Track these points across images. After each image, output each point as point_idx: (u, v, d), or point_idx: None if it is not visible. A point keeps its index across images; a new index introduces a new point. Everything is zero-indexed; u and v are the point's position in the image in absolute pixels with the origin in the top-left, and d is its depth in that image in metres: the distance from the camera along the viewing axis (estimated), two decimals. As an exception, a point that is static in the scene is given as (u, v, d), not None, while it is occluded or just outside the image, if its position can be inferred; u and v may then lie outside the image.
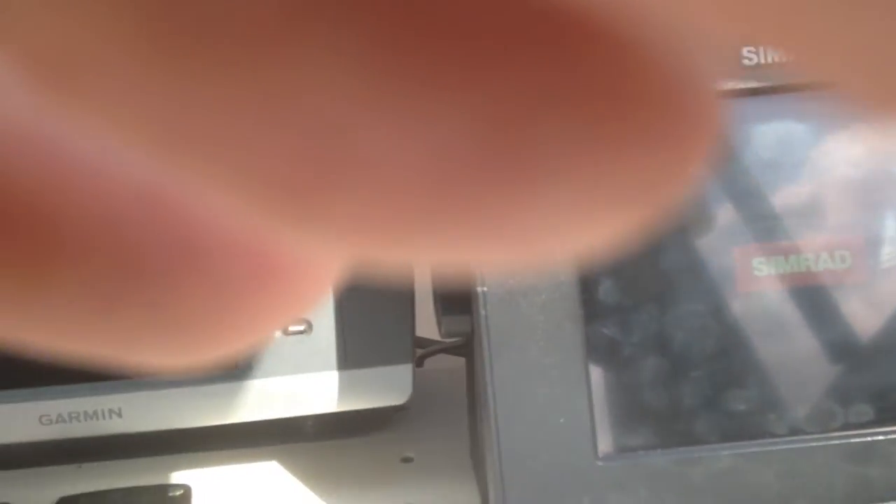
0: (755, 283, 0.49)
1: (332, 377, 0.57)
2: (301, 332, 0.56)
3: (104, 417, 0.56)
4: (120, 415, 0.56)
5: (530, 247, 0.08)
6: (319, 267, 0.10)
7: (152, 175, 0.09)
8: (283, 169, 0.07)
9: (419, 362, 0.71)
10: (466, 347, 0.54)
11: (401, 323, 0.57)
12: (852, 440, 0.48)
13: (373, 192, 0.07)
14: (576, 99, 0.07)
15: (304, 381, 0.57)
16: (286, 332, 0.56)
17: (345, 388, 0.57)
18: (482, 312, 0.48)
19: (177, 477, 0.57)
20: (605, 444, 0.48)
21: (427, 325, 0.58)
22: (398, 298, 0.57)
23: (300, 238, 0.08)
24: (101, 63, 0.07)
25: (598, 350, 0.49)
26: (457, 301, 0.51)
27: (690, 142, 0.07)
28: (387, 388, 0.58)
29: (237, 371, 0.56)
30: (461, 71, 0.07)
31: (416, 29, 0.07)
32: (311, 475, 0.58)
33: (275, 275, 0.09)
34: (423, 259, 0.08)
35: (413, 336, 0.59)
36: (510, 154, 0.07)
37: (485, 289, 0.48)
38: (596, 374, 0.48)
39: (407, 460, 0.60)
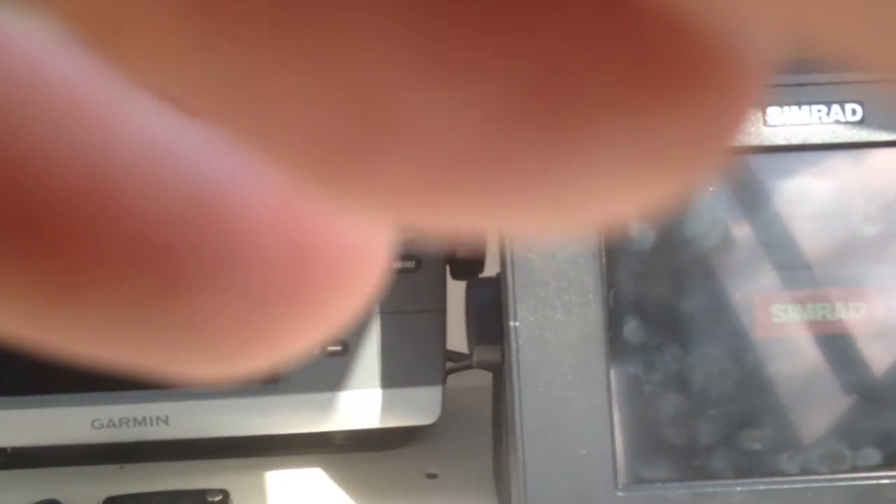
0: (773, 329, 0.52)
1: (365, 395, 0.60)
2: (338, 352, 0.59)
3: (152, 424, 0.58)
4: (167, 422, 0.59)
5: (573, 211, 0.08)
6: (355, 282, 0.10)
7: (194, 179, 0.09)
8: (330, 133, 0.07)
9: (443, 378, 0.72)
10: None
11: (433, 346, 0.60)
12: (859, 482, 0.50)
13: (419, 156, 0.07)
14: (620, 67, 0.07)
15: (339, 398, 0.60)
16: (324, 352, 0.59)
17: (377, 407, 0.60)
18: (513, 346, 0.50)
19: (215, 482, 0.59)
20: (624, 475, 0.51)
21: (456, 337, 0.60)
22: (431, 322, 0.59)
23: (344, 205, 0.08)
24: (146, 20, 0.07)
25: (622, 386, 0.51)
26: (489, 332, 0.54)
27: (727, 115, 0.08)
28: (418, 408, 0.60)
29: (278, 385, 0.59)
30: (508, 37, 0.07)
31: None
32: (339, 487, 0.61)
33: (312, 289, 0.09)
34: (467, 224, 0.08)
35: (444, 359, 0.61)
36: (556, 119, 0.07)
37: (517, 323, 0.51)
38: (618, 408, 0.51)
39: (431, 476, 0.62)
